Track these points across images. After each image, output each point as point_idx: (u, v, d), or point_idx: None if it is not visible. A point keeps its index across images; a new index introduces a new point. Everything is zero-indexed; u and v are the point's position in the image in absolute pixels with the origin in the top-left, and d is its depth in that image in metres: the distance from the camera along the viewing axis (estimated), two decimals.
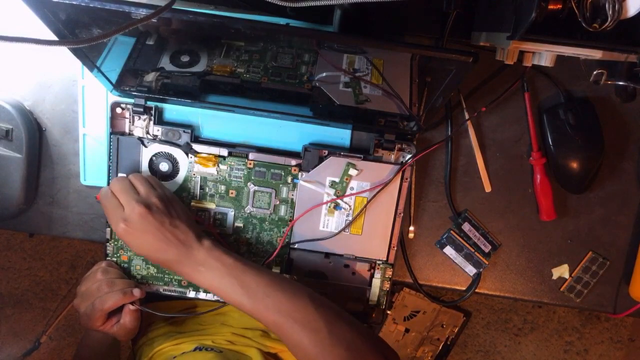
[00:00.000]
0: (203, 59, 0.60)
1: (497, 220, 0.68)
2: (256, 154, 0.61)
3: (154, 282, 0.64)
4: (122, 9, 0.41)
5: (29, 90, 0.64)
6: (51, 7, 0.42)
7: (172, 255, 0.53)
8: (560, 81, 0.65)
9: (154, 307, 0.73)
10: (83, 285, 0.59)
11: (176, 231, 0.53)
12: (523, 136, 0.66)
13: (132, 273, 0.63)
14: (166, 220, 0.53)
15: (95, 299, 0.56)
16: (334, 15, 0.57)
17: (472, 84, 0.65)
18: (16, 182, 0.63)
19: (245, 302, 0.52)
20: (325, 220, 0.62)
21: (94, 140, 0.64)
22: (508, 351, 1.48)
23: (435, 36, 0.62)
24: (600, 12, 0.44)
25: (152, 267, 0.63)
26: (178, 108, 0.61)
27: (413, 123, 0.60)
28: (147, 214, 0.52)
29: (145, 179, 0.57)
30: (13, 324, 1.44)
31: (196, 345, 0.61)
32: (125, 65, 0.58)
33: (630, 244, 0.68)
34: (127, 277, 0.62)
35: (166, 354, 0.62)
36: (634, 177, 0.67)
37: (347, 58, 0.60)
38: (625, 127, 0.66)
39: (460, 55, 0.45)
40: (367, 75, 0.59)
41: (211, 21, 0.44)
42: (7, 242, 1.40)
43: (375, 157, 0.61)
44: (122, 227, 0.53)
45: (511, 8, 0.48)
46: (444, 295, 1.24)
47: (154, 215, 0.53)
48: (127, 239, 0.53)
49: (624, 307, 0.70)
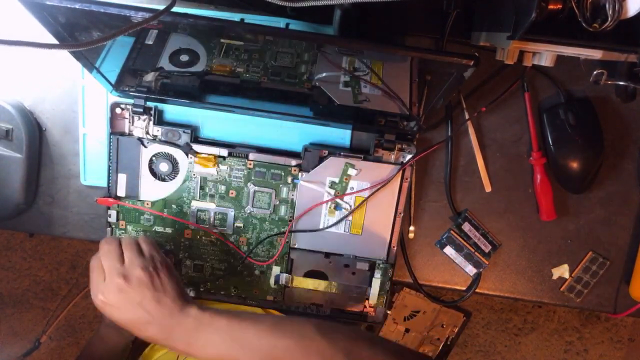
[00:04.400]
0: (202, 59, 0.60)
1: (497, 220, 0.68)
2: (256, 154, 0.61)
3: None
4: (122, 13, 0.41)
5: (29, 90, 0.64)
6: (50, 11, 0.42)
7: (155, 333, 0.49)
8: (560, 81, 0.65)
9: None
10: (91, 276, 0.55)
11: (158, 307, 0.48)
12: (523, 136, 0.66)
13: None
14: (147, 294, 0.48)
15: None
16: (334, 15, 0.57)
17: (472, 84, 0.65)
18: (16, 182, 0.63)
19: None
20: (326, 221, 0.62)
21: (94, 140, 0.64)
22: (508, 351, 1.48)
23: (435, 36, 0.62)
24: (600, 12, 0.44)
25: None
26: (178, 108, 0.61)
27: (413, 123, 0.60)
28: (126, 287, 0.48)
29: (135, 243, 0.52)
30: (13, 324, 1.44)
31: None
32: (124, 65, 0.58)
33: (630, 244, 0.68)
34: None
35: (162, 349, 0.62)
36: (634, 177, 0.67)
37: (347, 57, 0.60)
38: (625, 127, 0.66)
39: (462, 59, 0.44)
40: (367, 74, 0.59)
41: (211, 24, 0.44)
42: (7, 242, 1.40)
43: (375, 157, 0.61)
44: (99, 299, 0.48)
45: (511, 8, 0.48)
46: (444, 295, 1.23)
47: (134, 290, 0.48)
48: (105, 311, 0.49)
49: (624, 307, 0.70)
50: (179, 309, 0.49)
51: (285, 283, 0.64)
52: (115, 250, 0.50)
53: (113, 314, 0.49)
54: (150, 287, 0.48)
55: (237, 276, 0.65)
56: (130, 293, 0.48)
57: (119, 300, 0.48)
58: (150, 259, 0.50)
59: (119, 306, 0.48)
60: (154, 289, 0.48)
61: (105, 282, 0.48)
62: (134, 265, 0.49)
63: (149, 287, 0.48)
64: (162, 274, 0.50)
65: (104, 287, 0.48)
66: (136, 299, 0.48)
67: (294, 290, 0.64)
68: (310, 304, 0.65)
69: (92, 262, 0.51)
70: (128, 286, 0.48)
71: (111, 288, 0.48)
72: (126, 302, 0.48)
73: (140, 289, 0.48)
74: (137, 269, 0.49)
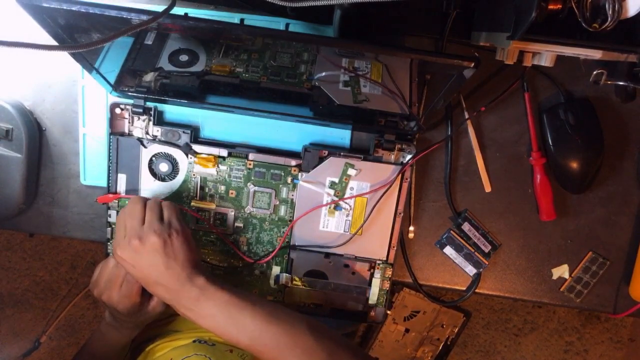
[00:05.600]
0: (202, 59, 0.60)
1: (497, 220, 0.68)
2: (256, 155, 0.61)
3: None
4: (121, 15, 0.41)
5: (29, 90, 0.64)
6: (50, 13, 0.42)
7: (163, 294, 0.52)
8: (560, 81, 0.65)
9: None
10: (101, 275, 0.57)
11: (166, 272, 0.51)
12: (523, 136, 0.66)
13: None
14: (158, 259, 0.51)
15: (127, 275, 0.55)
16: (334, 15, 0.57)
17: (472, 84, 0.64)
18: (16, 182, 0.63)
19: (241, 340, 0.51)
20: (326, 221, 0.62)
21: (94, 140, 0.64)
22: (508, 351, 1.48)
23: (435, 36, 0.62)
24: (600, 12, 0.44)
25: None
26: (177, 108, 0.61)
27: (413, 123, 0.60)
28: (141, 249, 0.51)
29: (157, 207, 0.55)
30: (13, 324, 1.44)
31: (195, 337, 0.61)
32: (123, 65, 0.58)
33: (630, 244, 0.68)
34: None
35: (163, 350, 0.62)
36: (634, 177, 0.67)
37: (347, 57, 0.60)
38: (625, 127, 0.66)
39: (463, 61, 0.44)
40: (367, 73, 0.59)
41: (211, 27, 0.44)
42: (7, 242, 1.40)
43: (375, 157, 0.61)
44: (117, 254, 0.52)
45: (511, 8, 0.48)
46: (444, 295, 1.24)
47: (147, 252, 0.51)
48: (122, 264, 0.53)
49: (624, 307, 0.70)
50: (187, 277, 0.52)
51: (285, 283, 0.64)
52: (140, 211, 0.54)
53: (128, 268, 0.52)
54: (162, 252, 0.51)
55: (237, 276, 0.65)
56: (143, 255, 0.51)
57: (133, 259, 0.51)
58: (168, 225, 0.53)
59: (133, 264, 0.52)
60: (165, 255, 0.51)
61: (125, 240, 0.52)
62: (150, 230, 0.52)
63: (161, 252, 0.51)
64: (176, 241, 0.52)
65: (123, 244, 0.52)
66: (148, 261, 0.51)
67: (294, 290, 0.64)
68: (310, 304, 0.65)
69: (119, 217, 0.55)
70: (143, 248, 0.51)
71: (128, 247, 0.51)
72: (139, 262, 0.51)
73: (152, 252, 0.51)
74: (153, 233, 0.52)
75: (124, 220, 0.53)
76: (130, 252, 0.51)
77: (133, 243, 0.51)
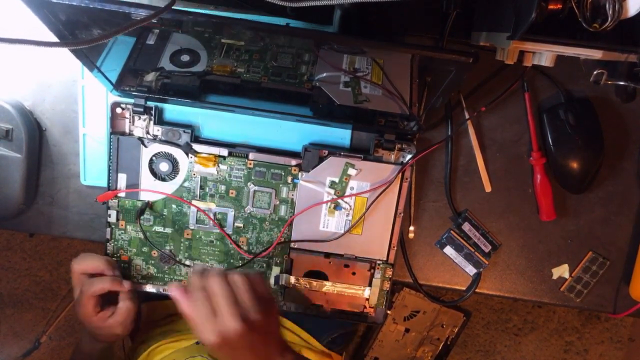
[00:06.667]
0: (203, 59, 0.60)
1: (497, 220, 0.68)
2: (256, 154, 0.61)
3: (153, 282, 0.64)
4: (122, 10, 0.41)
5: (29, 90, 0.64)
6: (51, 8, 0.42)
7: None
8: (560, 81, 0.65)
9: (152, 307, 0.73)
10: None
11: (265, 349, 0.49)
12: (523, 136, 0.66)
13: (132, 273, 0.63)
14: (258, 337, 0.48)
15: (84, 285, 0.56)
16: (334, 15, 0.57)
17: (472, 84, 0.65)
18: (16, 182, 0.63)
19: None
20: (326, 221, 0.62)
21: (94, 140, 0.64)
22: (508, 351, 1.48)
23: (435, 36, 0.62)
24: (600, 12, 0.45)
25: (152, 267, 0.63)
26: (178, 108, 0.61)
27: (413, 123, 0.60)
28: (248, 333, 0.46)
29: (248, 281, 0.49)
30: (13, 324, 1.44)
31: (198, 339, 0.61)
32: (125, 65, 0.58)
33: (630, 244, 0.68)
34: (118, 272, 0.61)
35: (166, 351, 0.62)
36: (634, 177, 0.67)
37: (348, 57, 0.60)
38: (625, 127, 0.66)
39: (461, 56, 0.44)
40: (367, 75, 0.59)
41: (210, 22, 0.44)
42: (7, 242, 1.40)
43: (375, 157, 0.61)
44: (214, 341, 0.47)
45: (511, 8, 0.48)
46: (444, 295, 1.24)
47: (253, 335, 0.47)
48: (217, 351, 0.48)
49: (624, 307, 0.70)
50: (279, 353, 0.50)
51: (285, 283, 0.64)
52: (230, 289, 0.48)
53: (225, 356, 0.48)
54: (265, 331, 0.48)
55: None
56: (248, 338, 0.47)
57: (237, 344, 0.47)
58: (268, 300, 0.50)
59: (235, 349, 0.47)
60: (265, 333, 0.48)
61: (224, 324, 0.47)
62: (253, 308, 0.48)
63: (264, 331, 0.48)
64: (271, 314, 0.50)
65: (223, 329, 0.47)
66: (252, 344, 0.48)
67: (294, 290, 0.64)
68: (310, 304, 0.65)
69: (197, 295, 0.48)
70: (249, 332, 0.47)
71: (230, 332, 0.46)
72: (244, 346, 0.47)
73: (257, 334, 0.47)
74: (256, 313, 0.48)
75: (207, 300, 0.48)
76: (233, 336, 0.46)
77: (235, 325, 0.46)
